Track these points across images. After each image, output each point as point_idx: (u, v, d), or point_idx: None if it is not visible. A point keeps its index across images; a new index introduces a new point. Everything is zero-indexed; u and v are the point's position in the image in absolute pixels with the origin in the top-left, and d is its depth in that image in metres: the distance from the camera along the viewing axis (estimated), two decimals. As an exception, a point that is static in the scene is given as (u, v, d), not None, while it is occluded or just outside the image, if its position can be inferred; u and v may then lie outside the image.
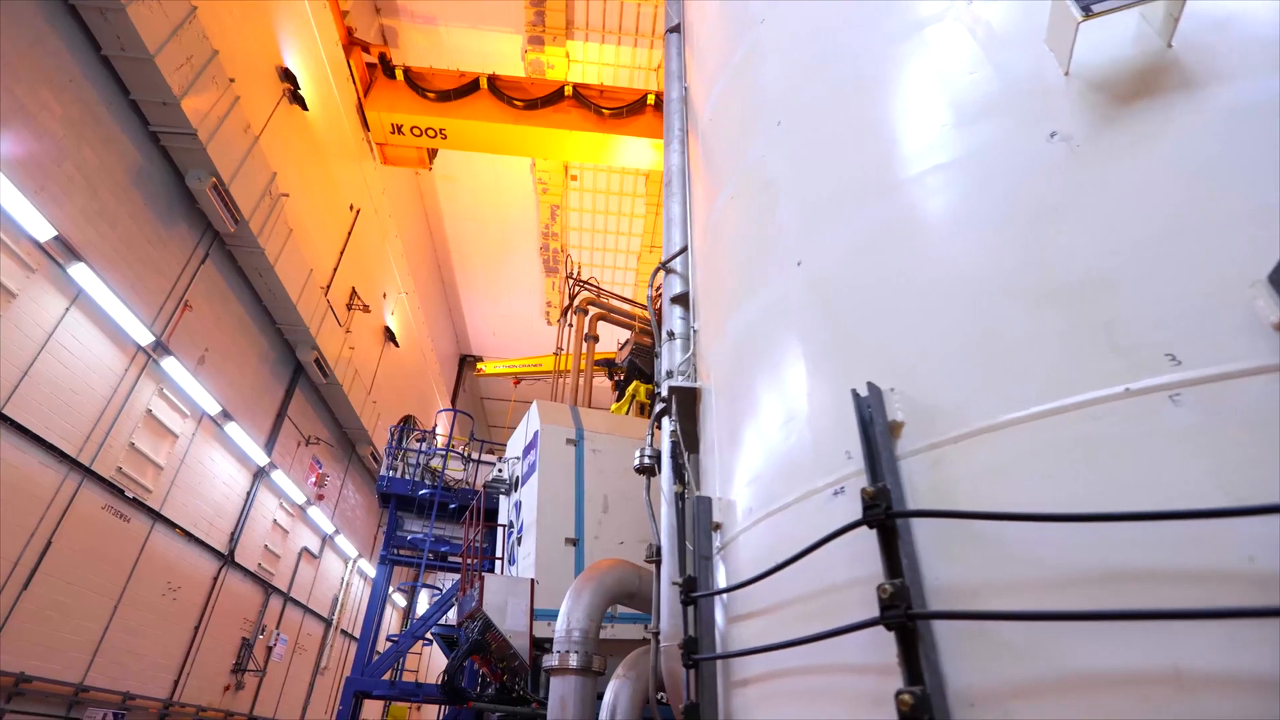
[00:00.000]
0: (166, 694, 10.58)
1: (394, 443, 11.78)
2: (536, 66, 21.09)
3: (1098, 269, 1.04)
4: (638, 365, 14.28)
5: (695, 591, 1.49)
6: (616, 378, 17.21)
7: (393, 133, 17.73)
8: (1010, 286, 1.11)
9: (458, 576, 11.64)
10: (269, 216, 12.01)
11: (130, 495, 9.71)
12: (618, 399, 13.83)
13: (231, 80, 10.87)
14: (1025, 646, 0.88)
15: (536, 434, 9.24)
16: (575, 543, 8.56)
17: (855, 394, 1.22)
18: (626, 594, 6.10)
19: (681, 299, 3.27)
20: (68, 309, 8.57)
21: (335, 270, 15.42)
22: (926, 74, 1.50)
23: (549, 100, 18.24)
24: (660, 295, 12.35)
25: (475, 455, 11.79)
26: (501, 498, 10.15)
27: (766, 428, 1.52)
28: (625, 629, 8.07)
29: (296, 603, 14.61)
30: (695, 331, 2.25)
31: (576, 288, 15.43)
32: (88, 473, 8.84)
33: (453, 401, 27.52)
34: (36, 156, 8.06)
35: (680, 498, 2.50)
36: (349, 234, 16.54)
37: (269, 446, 13.24)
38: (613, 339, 17.35)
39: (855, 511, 1.18)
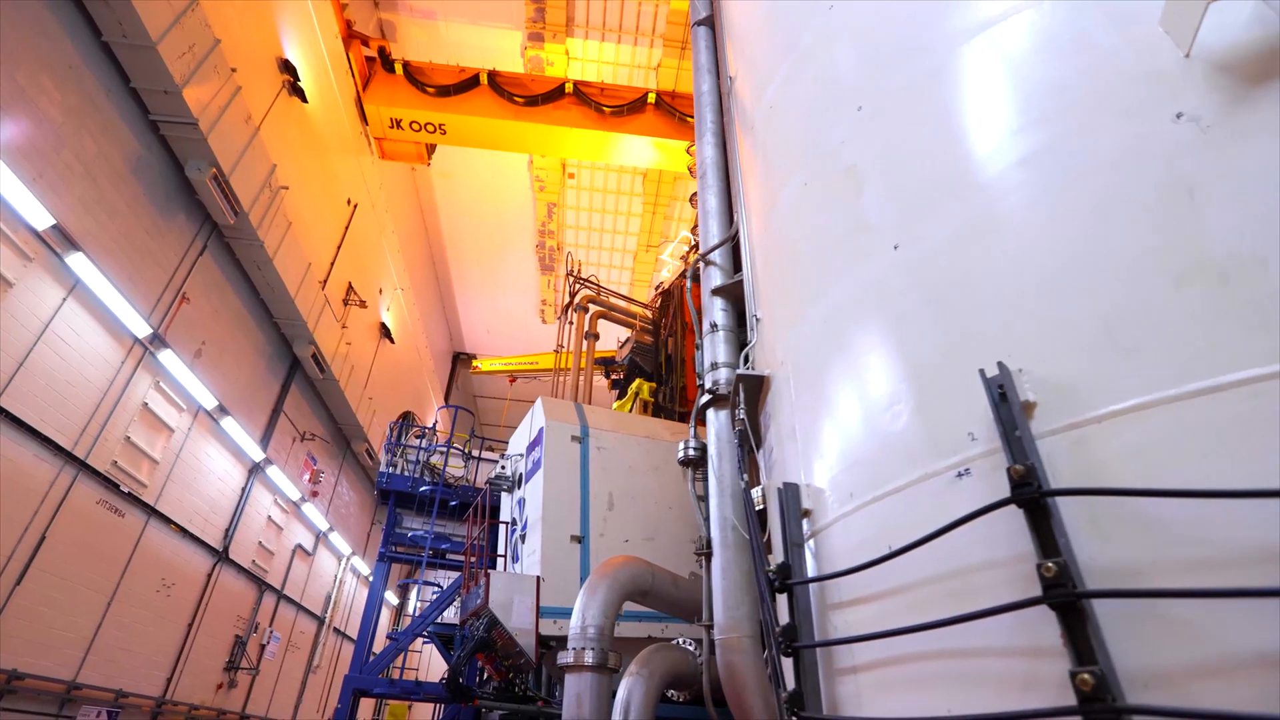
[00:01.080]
0: (159, 692, 10.41)
1: (393, 439, 11.67)
2: (536, 63, 21.01)
3: (1245, 248, 1.03)
4: (638, 364, 14.24)
5: (790, 579, 1.47)
6: (614, 376, 17.18)
7: (391, 127, 17.60)
8: (1152, 266, 1.10)
9: (455, 574, 11.56)
10: (268, 209, 11.86)
11: (125, 490, 9.54)
12: (618, 397, 13.79)
13: (233, 70, 10.72)
14: (1204, 627, 0.86)
15: (541, 431, 9.18)
16: (580, 540, 8.51)
17: (983, 374, 1.20)
18: (640, 591, 6.07)
19: (724, 290, 3.25)
20: (65, 299, 8.41)
21: (332, 265, 15.26)
22: (1025, 59, 1.49)
23: (549, 97, 18.19)
24: (699, 289, 12.34)
25: (476, 452, 11.70)
26: (504, 495, 10.08)
27: (864, 413, 1.50)
28: (630, 627, 8.03)
29: (290, 600, 14.43)
30: (758, 320, 2.22)
31: (577, 285, 15.37)
32: (83, 466, 8.67)
33: (446, 399, 27.34)
34: (35, 144, 7.90)
35: (746, 488, 2.47)
36: (346, 229, 16.38)
37: (264, 442, 13.08)
38: (610, 338, 17.32)
39: (984, 493, 1.16)
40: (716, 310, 3.17)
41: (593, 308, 15.28)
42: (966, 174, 1.46)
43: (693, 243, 15.94)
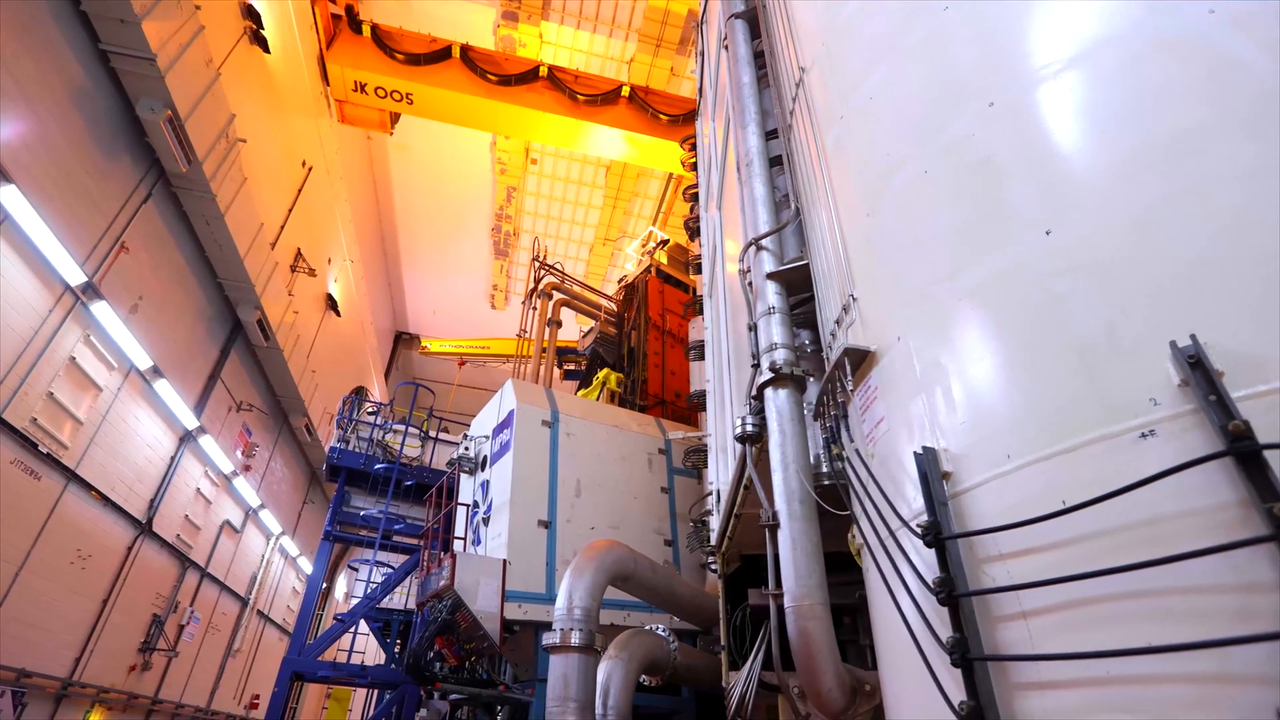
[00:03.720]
0: (66, 672, 9.57)
1: (345, 414, 11.18)
2: (508, 43, 20.60)
3: None
4: (600, 354, 14.24)
5: (942, 534, 1.56)
6: (567, 366, 17.07)
7: (355, 90, 16.84)
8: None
9: (399, 557, 11.20)
10: (224, 160, 11.13)
11: (44, 450, 8.73)
12: (580, 387, 13.73)
13: (197, 8, 10.00)
14: None
15: (511, 413, 9.04)
16: (548, 525, 8.43)
17: (1174, 345, 1.33)
18: (622, 576, 6.10)
19: (779, 275, 3.33)
20: (-7, 235, 7.63)
21: (282, 229, 14.43)
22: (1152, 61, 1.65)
23: (523, 78, 17.87)
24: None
25: (433, 433, 11.37)
26: (465, 477, 9.85)
27: (1020, 383, 1.62)
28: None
29: (214, 579, 13.57)
30: (855, 300, 2.31)
31: (542, 271, 15.19)
32: (-1, 421, 7.89)
33: (386, 378, 26.38)
34: (-29, 58, 7.13)
35: (837, 457, 2.54)
36: (299, 192, 15.55)
37: (199, 409, 12.25)
38: (567, 329, 17.17)
39: (1172, 451, 1.29)
40: (771, 293, 3.25)
41: (556, 295, 15.15)
42: (1122, 165, 1.60)
43: (659, 239, 16.05)
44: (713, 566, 7.24)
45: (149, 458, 11.12)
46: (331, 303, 17.70)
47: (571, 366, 17.49)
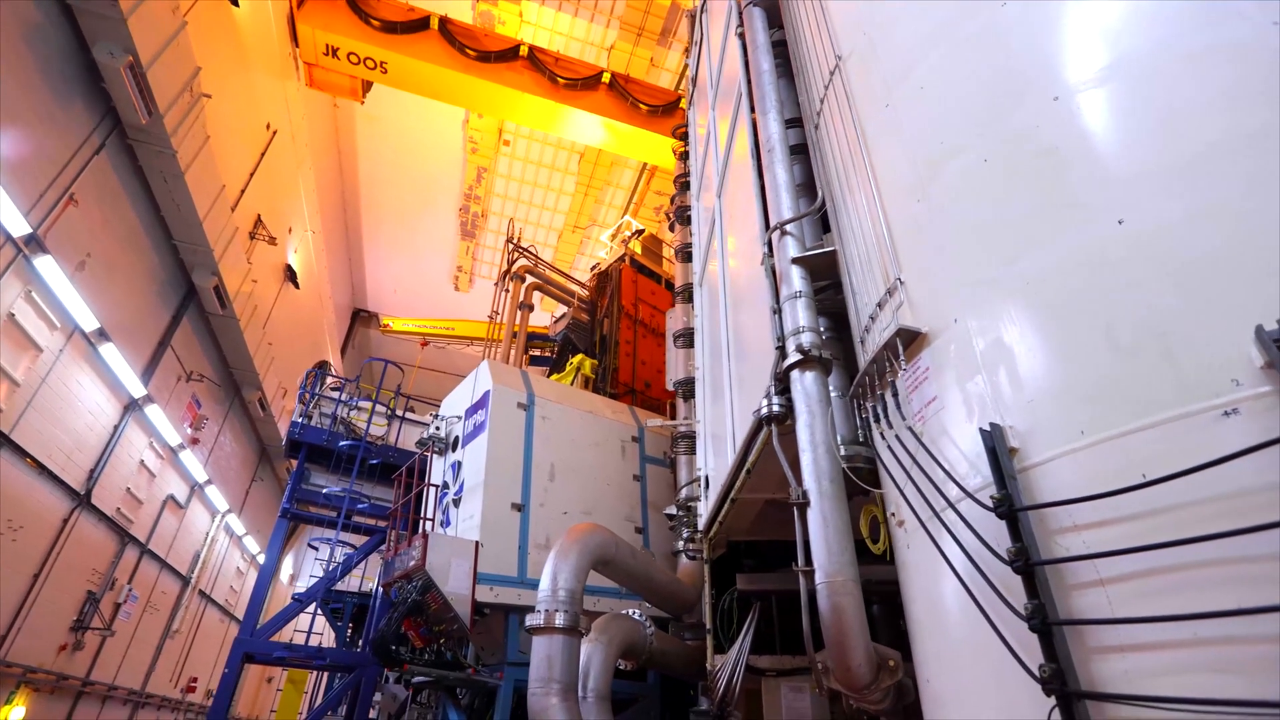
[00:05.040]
0: (-9, 651, 8.97)
1: (308, 388, 10.77)
2: (486, 18, 20.14)
3: None
4: (572, 340, 14.13)
5: (1015, 506, 1.61)
6: (532, 351, 16.88)
7: (326, 54, 16.15)
8: None
9: (361, 538, 10.90)
10: (186, 115, 10.53)
11: (-23, 412, 8.14)
12: (552, 371, 13.60)
13: (165, -50, 9.40)
14: None
15: (487, 394, 8.89)
16: (521, 509, 8.35)
17: (1260, 330, 1.40)
18: (604, 560, 6.08)
19: (804, 260, 3.37)
20: (-69, 176, 7.03)
21: (242, 193, 13.76)
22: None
23: (503, 56, 17.49)
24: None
25: (400, 412, 11.07)
26: (434, 457, 9.64)
27: (1094, 364, 1.68)
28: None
29: (154, 556, 12.89)
30: (901, 283, 2.35)
31: (516, 254, 14.95)
32: (-69, 378, 7.30)
33: (342, 355, 25.54)
34: (-86, -19, 6.52)
35: (858, 440, 2.59)
36: (262, 155, 14.85)
37: (146, 377, 11.60)
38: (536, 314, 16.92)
39: (1256, 428, 1.37)
40: (796, 278, 3.29)
41: (530, 278, 14.94)
42: (1196, 160, 1.67)
43: (635, 228, 16.00)
44: (690, 553, 7.31)
45: (90, 425, 10.48)
46: (291, 274, 17.00)
47: (537, 352, 17.30)
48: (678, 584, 7.03)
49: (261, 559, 19.67)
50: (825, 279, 3.49)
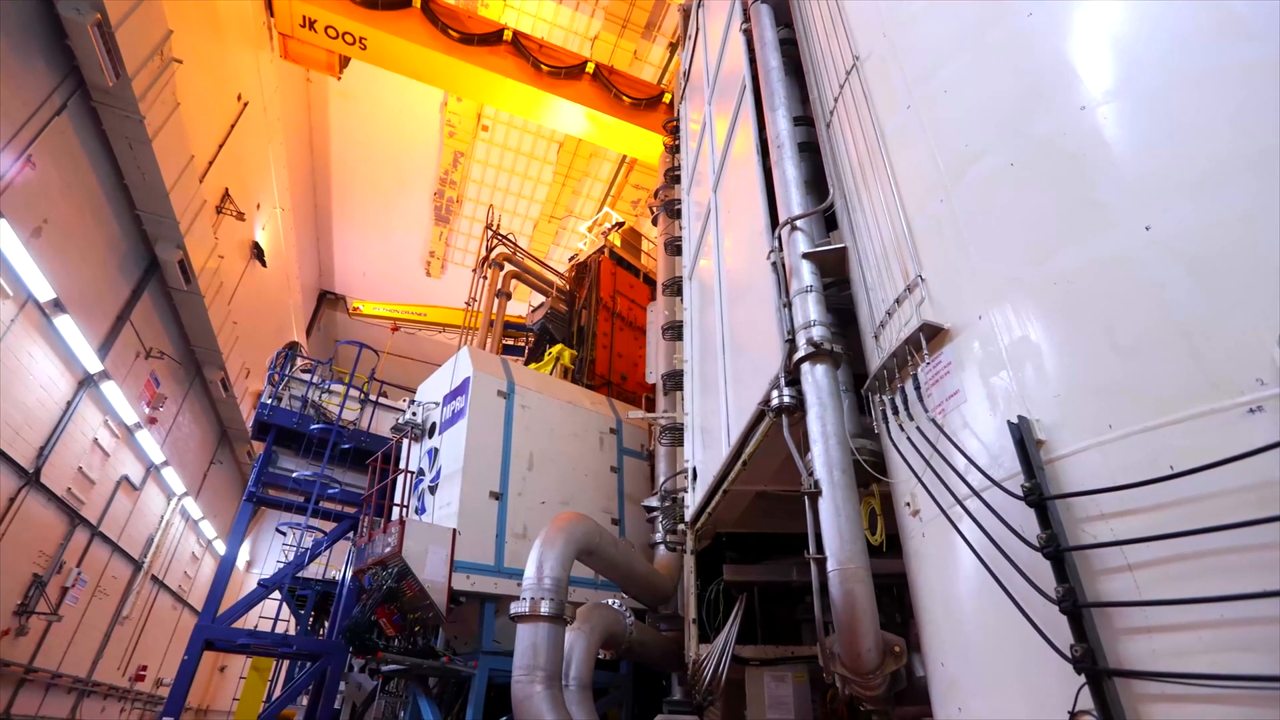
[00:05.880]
0: (-71, 634, 8.51)
1: (277, 369, 10.47)
2: (469, 0, 19.77)
3: None
4: (550, 330, 14.03)
5: (1045, 495, 1.68)
6: (505, 340, 16.71)
7: (303, 26, 15.64)
8: None
9: (329, 524, 10.66)
10: (156, 80, 10.09)
11: (-79, 382, 7.68)
12: (529, 360, 13.50)
13: (138, -96, 8.98)
14: None
15: (467, 380, 8.79)
16: (499, 497, 8.29)
17: (1292, 331, 1.50)
18: (588, 550, 6.08)
19: (815, 255, 3.42)
20: (-121, 129, 6.59)
21: (210, 164, 13.26)
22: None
23: (486, 40, 17.20)
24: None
25: (374, 397, 10.84)
26: (411, 444, 9.48)
27: (1121, 361, 1.76)
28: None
29: (105, 539, 12.37)
30: (923, 280, 2.42)
31: (494, 240, 14.77)
32: (-127, 344, 6.87)
33: (307, 337, 24.86)
34: None
35: (866, 433, 2.64)
36: (232, 127, 14.33)
37: (103, 352, 11.11)
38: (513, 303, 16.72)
39: (1277, 425, 1.46)
40: (807, 273, 3.34)
41: (508, 266, 14.78)
42: (1220, 168, 1.76)
43: (615, 220, 15.96)
44: (671, 544, 7.35)
45: (42, 400, 10.00)
46: (258, 251, 16.46)
47: (510, 341, 17.13)
48: (656, 575, 7.08)
49: (219, 545, 19.08)
50: (830, 276, 3.56)
